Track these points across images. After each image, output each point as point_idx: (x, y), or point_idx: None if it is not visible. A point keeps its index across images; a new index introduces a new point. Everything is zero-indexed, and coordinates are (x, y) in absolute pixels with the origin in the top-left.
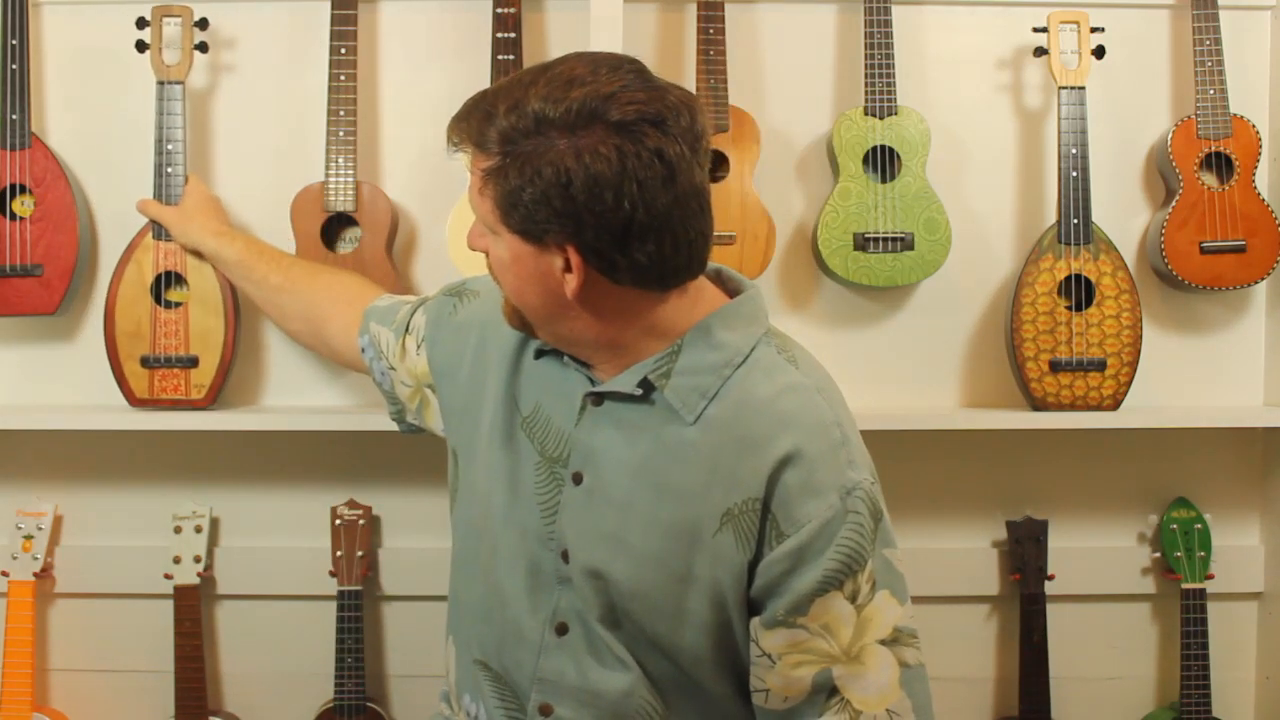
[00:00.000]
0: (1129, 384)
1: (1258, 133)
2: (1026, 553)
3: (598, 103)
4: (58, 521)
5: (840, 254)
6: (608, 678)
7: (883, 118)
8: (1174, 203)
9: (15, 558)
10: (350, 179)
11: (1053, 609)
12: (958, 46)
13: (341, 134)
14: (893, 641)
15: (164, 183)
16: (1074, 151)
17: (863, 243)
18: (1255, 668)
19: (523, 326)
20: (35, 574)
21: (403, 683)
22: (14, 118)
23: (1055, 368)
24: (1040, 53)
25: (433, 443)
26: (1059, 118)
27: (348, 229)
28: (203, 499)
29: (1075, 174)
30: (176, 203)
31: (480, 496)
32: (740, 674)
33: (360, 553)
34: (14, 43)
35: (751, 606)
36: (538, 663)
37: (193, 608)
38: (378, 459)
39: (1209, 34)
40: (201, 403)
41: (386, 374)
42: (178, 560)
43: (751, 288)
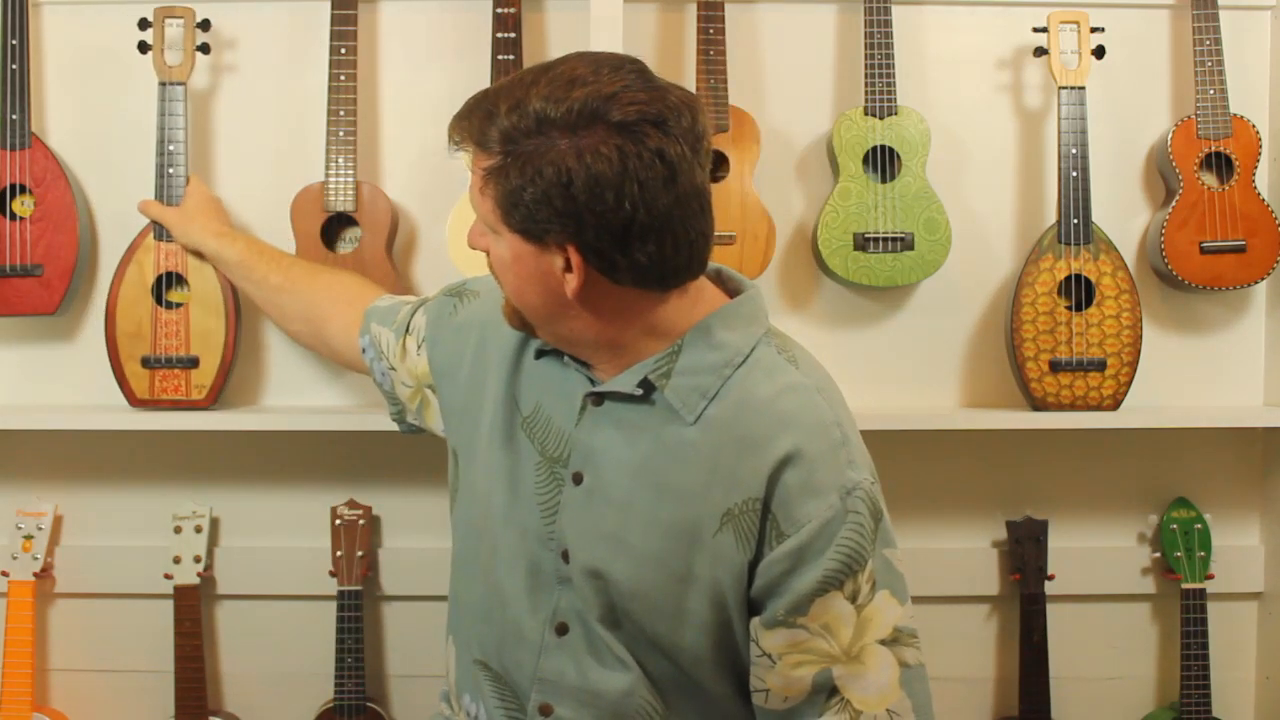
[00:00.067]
0: (1129, 384)
1: (1258, 133)
2: (1026, 553)
3: (599, 103)
4: (58, 521)
5: (840, 254)
6: (608, 678)
7: (883, 118)
8: (1174, 203)
9: (15, 558)
10: (350, 179)
11: (1053, 609)
12: (958, 46)
13: (341, 134)
14: (893, 641)
15: (165, 184)
16: (1074, 151)
17: (863, 243)
18: (1255, 668)
19: (523, 327)
20: (35, 574)
21: (403, 683)
22: (14, 118)
23: (1055, 368)
24: (1040, 53)
25: (433, 443)
26: (1059, 118)
27: (348, 229)
28: (203, 499)
29: (1075, 174)
30: (178, 204)
31: (480, 496)
32: (740, 674)
33: (360, 553)
34: (14, 43)
35: (751, 606)
36: (538, 663)
37: (193, 608)
38: (378, 459)
39: (1209, 34)
40: (202, 403)
41: (387, 374)
42: (178, 560)
43: (751, 288)
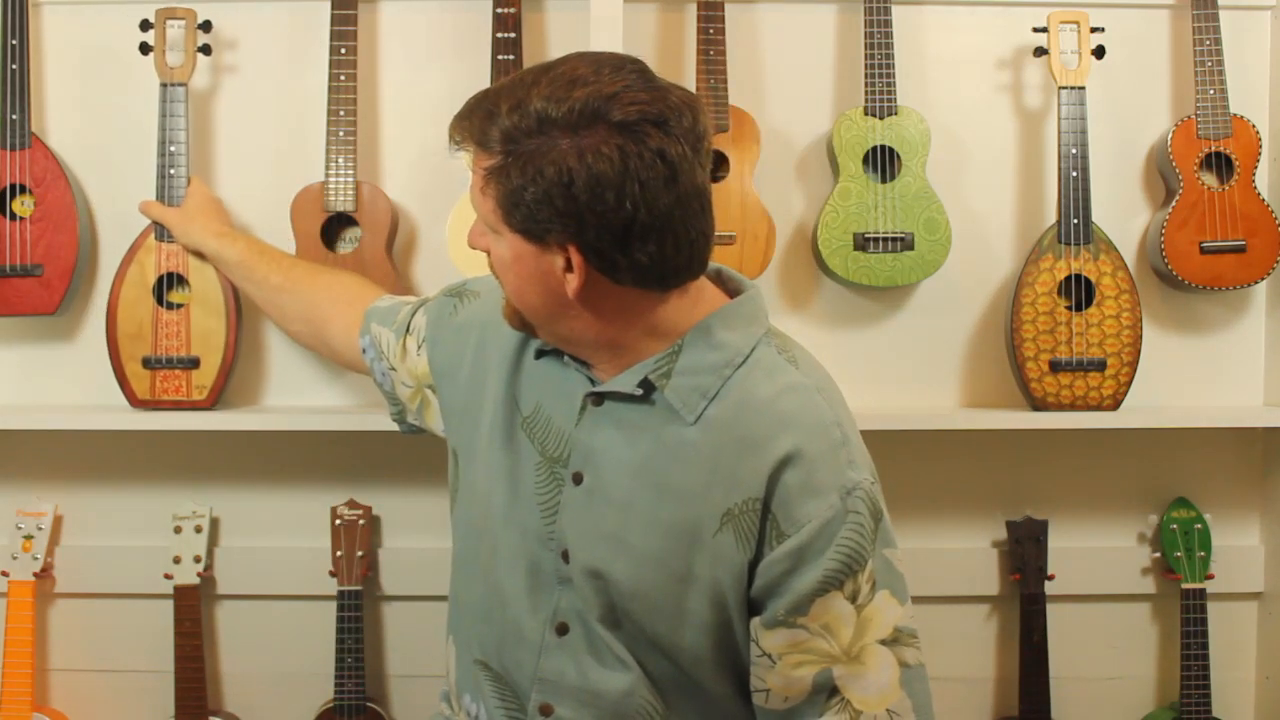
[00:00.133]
0: (1129, 384)
1: (1258, 133)
2: (1026, 553)
3: (600, 103)
4: (58, 521)
5: (840, 254)
6: (608, 678)
7: (883, 118)
8: (1174, 203)
9: (15, 558)
10: (350, 179)
11: (1053, 609)
12: (958, 46)
13: (341, 134)
14: (893, 641)
15: (166, 185)
16: (1074, 151)
17: (863, 243)
18: (1255, 668)
19: (523, 327)
20: (35, 574)
21: (403, 683)
22: (14, 118)
23: (1055, 368)
24: (1040, 53)
25: (433, 443)
26: (1059, 118)
27: (348, 229)
28: (203, 499)
29: (1075, 174)
30: (179, 205)
31: (480, 496)
32: (740, 674)
33: (360, 553)
34: (14, 43)
35: (752, 606)
36: (538, 663)
37: (193, 608)
38: (378, 459)
39: (1209, 34)
40: (203, 404)
41: (387, 375)
42: (178, 560)
43: (752, 288)
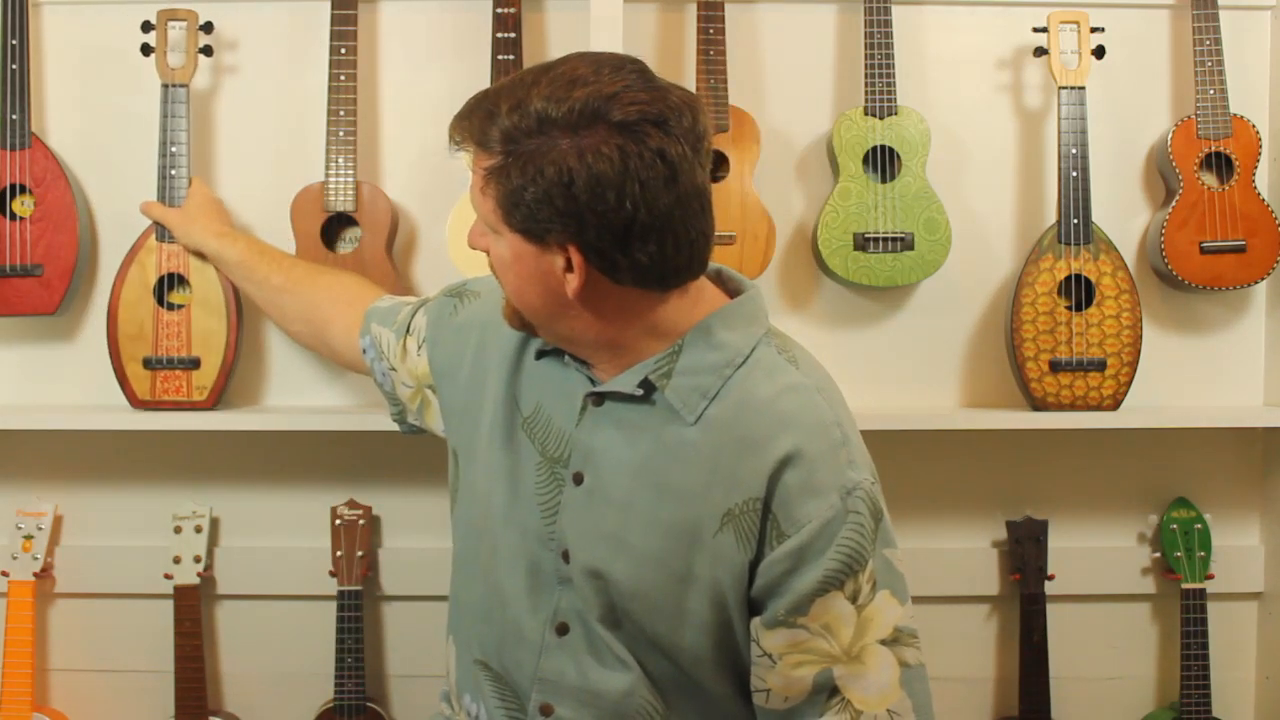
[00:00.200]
0: (1129, 384)
1: (1258, 133)
2: (1026, 553)
3: (600, 103)
4: (58, 521)
5: (840, 254)
6: (608, 678)
7: (883, 118)
8: (1174, 203)
9: (15, 558)
10: (350, 179)
11: (1053, 609)
12: (958, 46)
13: (341, 134)
14: (893, 641)
15: (167, 185)
16: (1074, 151)
17: (863, 243)
18: (1255, 668)
19: (523, 327)
20: (35, 574)
21: (403, 683)
22: (14, 118)
23: (1055, 368)
24: (1040, 53)
25: (433, 443)
26: (1059, 118)
27: (348, 229)
28: (203, 499)
29: (1075, 174)
30: (180, 205)
31: (480, 497)
32: (741, 674)
33: (360, 553)
34: (14, 43)
35: (752, 606)
36: (538, 663)
37: (193, 608)
38: (378, 459)
39: (1209, 34)
40: (203, 404)
41: (387, 375)
42: (178, 560)
43: (752, 288)
